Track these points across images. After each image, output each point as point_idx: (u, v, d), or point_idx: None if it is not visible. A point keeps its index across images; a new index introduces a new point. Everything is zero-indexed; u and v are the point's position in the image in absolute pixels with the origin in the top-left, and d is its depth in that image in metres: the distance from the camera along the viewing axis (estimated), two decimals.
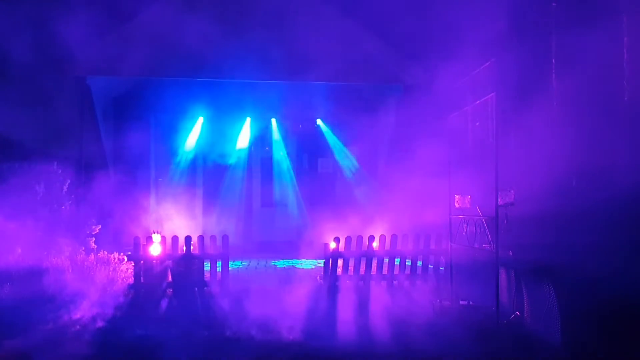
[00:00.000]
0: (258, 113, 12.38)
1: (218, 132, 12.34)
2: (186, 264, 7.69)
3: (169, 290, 7.60)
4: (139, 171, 11.49)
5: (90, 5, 8.76)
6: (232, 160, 12.77)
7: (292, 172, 12.85)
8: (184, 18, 9.46)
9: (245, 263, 10.57)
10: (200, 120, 12.25)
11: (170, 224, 11.62)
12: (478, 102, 6.31)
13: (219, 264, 7.91)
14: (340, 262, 8.11)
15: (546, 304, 5.34)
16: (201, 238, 7.92)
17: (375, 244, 8.18)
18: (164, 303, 7.30)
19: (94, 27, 8.81)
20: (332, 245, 8.13)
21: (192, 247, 7.80)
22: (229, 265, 7.98)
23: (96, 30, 9.01)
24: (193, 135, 12.31)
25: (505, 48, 6.09)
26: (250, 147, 12.90)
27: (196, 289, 7.65)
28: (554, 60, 5.24)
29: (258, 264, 10.54)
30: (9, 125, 9.05)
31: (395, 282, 8.15)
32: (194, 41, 9.37)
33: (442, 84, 7.46)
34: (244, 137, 12.70)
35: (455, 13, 7.57)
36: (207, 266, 7.96)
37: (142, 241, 7.73)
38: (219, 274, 7.85)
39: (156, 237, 8.12)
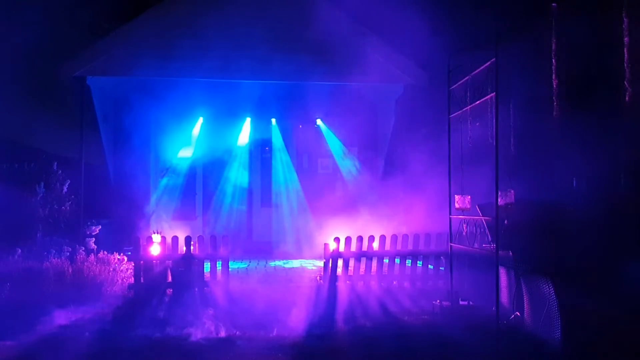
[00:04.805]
0: (258, 113, 12.36)
1: (218, 132, 12.32)
2: (186, 264, 7.69)
3: (169, 290, 7.59)
4: (138, 171, 11.47)
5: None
6: (232, 161, 12.75)
7: (292, 172, 12.83)
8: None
9: (245, 263, 10.57)
10: (200, 121, 12.24)
11: (170, 224, 11.63)
12: (478, 102, 6.31)
13: (218, 264, 7.91)
14: (340, 262, 8.10)
15: (546, 304, 5.33)
16: (201, 238, 7.92)
17: (375, 244, 8.17)
18: (164, 303, 7.29)
19: (95, 27, 8.83)
20: (332, 245, 8.12)
21: (192, 247, 7.80)
22: (229, 266, 7.97)
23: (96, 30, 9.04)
24: (193, 135, 12.30)
25: (506, 48, 6.08)
26: (250, 148, 12.89)
27: (196, 289, 7.65)
28: (554, 60, 5.24)
29: (258, 264, 10.54)
30: (9, 125, 9.06)
31: (395, 282, 8.15)
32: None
33: (441, 84, 7.45)
34: (244, 137, 12.69)
35: (456, 13, 7.57)
36: (207, 266, 7.96)
37: (142, 241, 7.73)
38: (218, 274, 7.85)
39: (156, 237, 8.13)
